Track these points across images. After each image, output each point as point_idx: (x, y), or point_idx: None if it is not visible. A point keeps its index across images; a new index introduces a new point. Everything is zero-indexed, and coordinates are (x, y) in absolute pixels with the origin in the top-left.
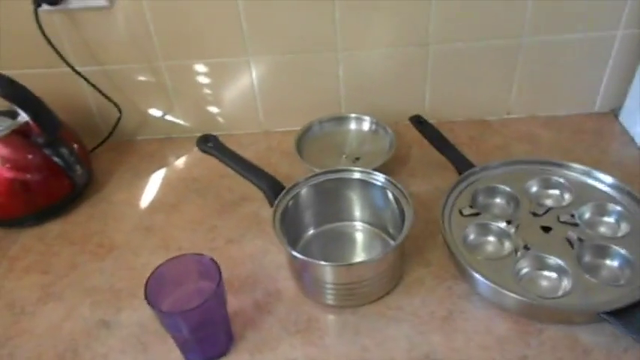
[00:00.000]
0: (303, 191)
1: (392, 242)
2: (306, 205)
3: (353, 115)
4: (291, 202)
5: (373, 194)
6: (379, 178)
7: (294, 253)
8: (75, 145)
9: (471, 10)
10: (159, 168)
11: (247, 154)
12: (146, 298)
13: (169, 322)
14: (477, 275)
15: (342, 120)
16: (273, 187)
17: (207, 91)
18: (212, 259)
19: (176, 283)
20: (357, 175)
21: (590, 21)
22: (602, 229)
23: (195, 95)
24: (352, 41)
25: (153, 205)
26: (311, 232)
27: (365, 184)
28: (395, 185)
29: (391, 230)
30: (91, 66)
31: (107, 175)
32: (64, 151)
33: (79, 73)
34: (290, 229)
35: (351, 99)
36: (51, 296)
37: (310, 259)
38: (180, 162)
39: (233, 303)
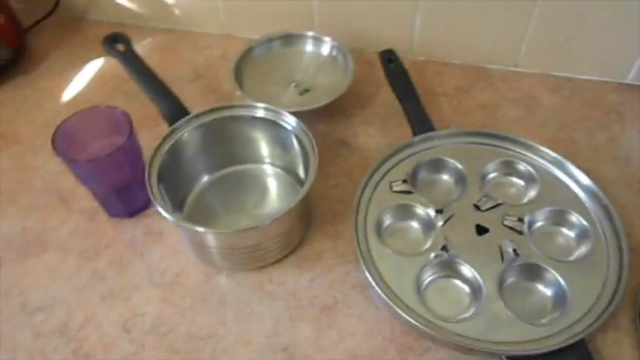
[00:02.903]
0: (187, 135)
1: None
2: (199, 148)
3: (310, 33)
4: (174, 144)
5: (282, 137)
6: (289, 120)
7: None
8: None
9: None
10: (98, 57)
11: (197, 60)
12: (54, 148)
13: (81, 171)
14: (371, 280)
15: (296, 39)
16: (174, 112)
17: None
18: (124, 112)
19: (87, 139)
20: (260, 114)
21: None
22: (554, 245)
23: None
24: None
25: (74, 101)
26: (206, 178)
27: (271, 125)
28: (306, 133)
29: (303, 178)
30: None
31: (43, 55)
32: None
33: None
34: (180, 175)
35: (326, 15)
36: None
37: (188, 225)
38: None
39: None
